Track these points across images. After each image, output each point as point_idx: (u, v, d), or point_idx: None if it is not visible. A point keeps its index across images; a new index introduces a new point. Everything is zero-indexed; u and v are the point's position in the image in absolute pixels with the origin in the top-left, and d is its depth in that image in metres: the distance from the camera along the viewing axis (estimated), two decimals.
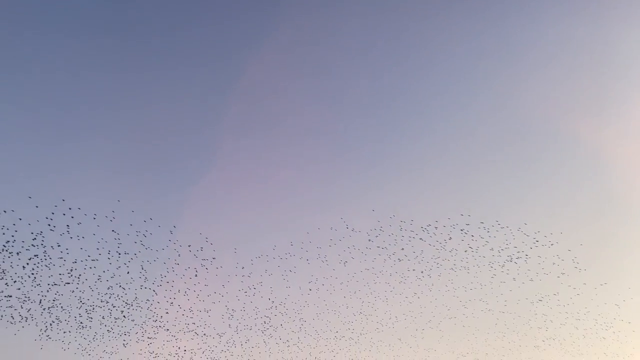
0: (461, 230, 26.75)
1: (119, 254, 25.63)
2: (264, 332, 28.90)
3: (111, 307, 26.99)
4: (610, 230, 33.87)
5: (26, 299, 26.72)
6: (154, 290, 27.23)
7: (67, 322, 27.73)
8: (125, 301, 27.70)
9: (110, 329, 28.15)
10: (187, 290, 27.65)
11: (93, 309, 26.93)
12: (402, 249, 26.66)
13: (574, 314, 28.11)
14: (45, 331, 28.15)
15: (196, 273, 25.89)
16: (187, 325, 28.67)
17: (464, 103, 37.66)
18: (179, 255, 25.92)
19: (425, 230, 26.49)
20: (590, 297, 27.94)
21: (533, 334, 28.83)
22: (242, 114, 36.56)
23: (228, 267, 25.83)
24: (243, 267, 27.25)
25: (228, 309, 27.86)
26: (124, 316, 27.72)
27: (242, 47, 36.13)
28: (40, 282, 25.89)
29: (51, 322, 27.72)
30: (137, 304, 27.34)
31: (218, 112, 37.11)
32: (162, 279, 26.09)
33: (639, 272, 30.99)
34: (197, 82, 36.05)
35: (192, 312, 28.71)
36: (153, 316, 27.89)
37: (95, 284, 26.33)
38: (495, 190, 35.74)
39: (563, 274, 26.35)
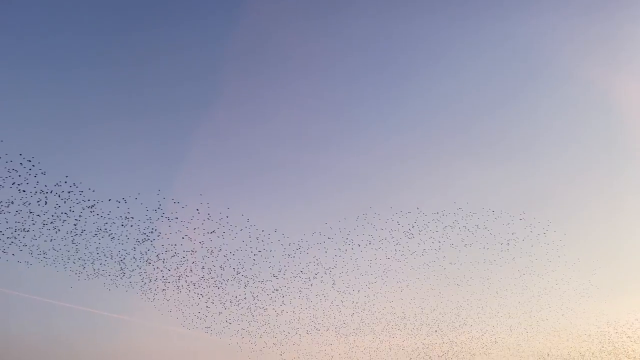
0: (466, 215, 31.93)
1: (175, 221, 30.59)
2: (302, 282, 34.77)
3: (174, 270, 32.31)
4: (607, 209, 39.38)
5: (99, 257, 31.87)
6: (208, 256, 32.38)
7: (133, 274, 33.09)
8: (177, 263, 33.07)
9: (166, 287, 33.73)
10: (237, 250, 32.90)
11: (158, 272, 32.16)
12: (410, 230, 32.06)
13: (555, 280, 34.76)
14: (113, 280, 33.61)
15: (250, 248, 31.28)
16: (234, 277, 34.25)
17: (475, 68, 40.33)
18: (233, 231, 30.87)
19: (436, 214, 31.67)
20: (567, 267, 34.39)
21: (519, 292, 35.52)
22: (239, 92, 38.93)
23: (276, 246, 31.29)
24: (287, 238, 32.64)
25: (272, 267, 33.41)
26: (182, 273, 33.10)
27: None
28: (112, 244, 30.93)
29: (117, 274, 33.11)
30: (192, 267, 32.69)
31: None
32: (219, 251, 31.33)
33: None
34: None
35: (239, 264, 34.03)
36: (205, 274, 33.31)
37: (161, 252, 31.38)
38: (499, 180, 40.33)
39: (550, 261, 32.25)
